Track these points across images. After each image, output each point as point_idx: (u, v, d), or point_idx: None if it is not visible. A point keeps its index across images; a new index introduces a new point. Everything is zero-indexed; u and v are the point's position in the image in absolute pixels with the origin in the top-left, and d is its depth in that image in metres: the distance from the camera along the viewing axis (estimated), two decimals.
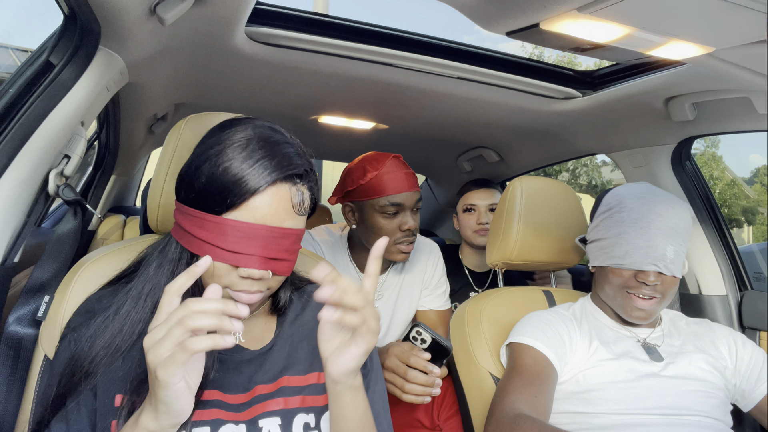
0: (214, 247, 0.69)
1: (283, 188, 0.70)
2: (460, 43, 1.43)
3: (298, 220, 0.73)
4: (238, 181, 0.68)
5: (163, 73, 1.35)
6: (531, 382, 1.05)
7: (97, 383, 0.71)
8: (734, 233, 4.71)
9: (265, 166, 0.69)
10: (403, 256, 1.43)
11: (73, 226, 0.98)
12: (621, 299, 1.15)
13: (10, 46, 4.54)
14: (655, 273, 1.10)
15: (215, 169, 0.69)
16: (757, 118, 1.32)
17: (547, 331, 1.14)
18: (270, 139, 0.72)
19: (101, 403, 0.70)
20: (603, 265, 1.18)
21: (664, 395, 1.07)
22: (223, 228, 0.69)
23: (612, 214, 1.18)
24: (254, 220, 0.69)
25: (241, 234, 0.68)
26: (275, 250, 0.71)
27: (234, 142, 0.70)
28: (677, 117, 1.42)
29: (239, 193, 0.68)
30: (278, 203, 0.70)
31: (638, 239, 1.11)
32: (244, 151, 0.69)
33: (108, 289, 0.81)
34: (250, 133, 0.72)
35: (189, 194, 0.71)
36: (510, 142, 2.13)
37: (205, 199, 0.69)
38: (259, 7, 1.24)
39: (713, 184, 15.20)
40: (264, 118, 1.04)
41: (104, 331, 0.72)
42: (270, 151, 0.70)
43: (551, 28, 0.89)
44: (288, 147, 0.73)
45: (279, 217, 0.70)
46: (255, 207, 0.69)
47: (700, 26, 0.84)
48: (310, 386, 0.78)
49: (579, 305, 1.27)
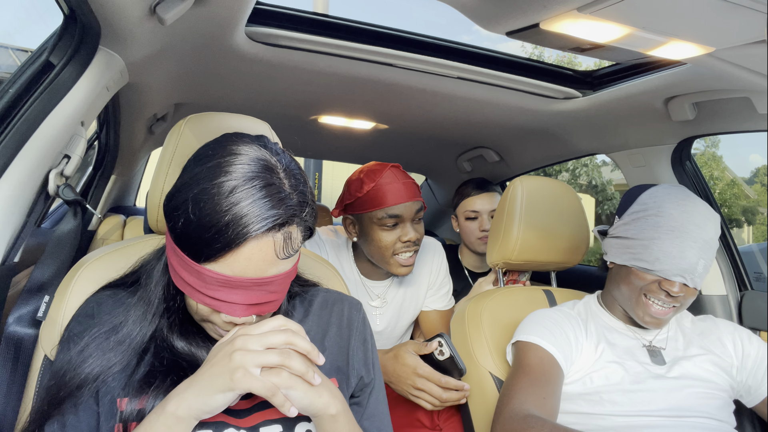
0: (194, 289, 0.67)
1: (265, 240, 0.64)
2: (460, 43, 1.43)
3: (284, 264, 0.68)
4: (214, 235, 0.63)
5: (163, 73, 1.35)
6: (539, 382, 1.04)
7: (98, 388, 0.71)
8: (734, 233, 4.71)
9: (246, 219, 0.62)
10: (404, 270, 1.40)
11: (73, 226, 0.98)
12: (636, 302, 1.13)
13: (10, 46, 4.53)
14: (680, 284, 1.07)
15: (192, 217, 0.63)
16: (757, 118, 1.32)
17: (554, 330, 1.13)
18: (254, 181, 0.64)
19: (103, 408, 0.70)
20: (627, 264, 1.14)
21: (668, 398, 1.07)
22: (201, 275, 0.66)
23: (648, 216, 1.13)
24: (233, 273, 0.65)
25: (219, 284, 0.65)
26: (258, 296, 0.68)
27: (212, 186, 0.64)
28: (677, 117, 1.42)
29: (216, 249, 0.63)
30: (258, 256, 0.65)
31: (672, 248, 1.07)
32: (223, 201, 0.63)
33: (108, 292, 0.80)
34: (233, 174, 0.64)
35: (171, 228, 0.68)
36: (510, 142, 2.13)
37: (185, 243, 0.66)
38: (259, 7, 1.24)
39: (713, 184, 15.21)
40: (264, 118, 1.05)
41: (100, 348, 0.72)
42: (252, 199, 0.63)
43: (551, 28, 0.89)
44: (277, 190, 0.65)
45: (260, 268, 0.65)
46: (233, 262, 0.64)
47: (700, 26, 0.84)
48: None
49: (584, 304, 1.26)
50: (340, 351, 0.85)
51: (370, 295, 1.51)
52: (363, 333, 0.89)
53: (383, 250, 1.37)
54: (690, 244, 1.06)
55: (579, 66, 10.95)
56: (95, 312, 0.77)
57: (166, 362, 0.73)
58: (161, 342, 0.75)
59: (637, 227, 1.14)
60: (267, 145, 0.71)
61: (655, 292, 1.10)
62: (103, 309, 0.77)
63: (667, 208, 1.10)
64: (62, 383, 0.70)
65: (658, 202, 1.13)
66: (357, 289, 1.50)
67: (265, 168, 0.66)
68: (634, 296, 1.13)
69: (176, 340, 0.75)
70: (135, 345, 0.73)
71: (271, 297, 0.69)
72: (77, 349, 0.72)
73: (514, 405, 0.99)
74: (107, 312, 0.76)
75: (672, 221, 1.09)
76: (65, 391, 0.70)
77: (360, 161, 2.59)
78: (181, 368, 0.72)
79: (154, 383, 0.70)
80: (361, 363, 0.86)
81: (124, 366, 0.72)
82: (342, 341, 0.86)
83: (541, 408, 0.99)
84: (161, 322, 0.75)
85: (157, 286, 0.75)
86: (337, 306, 0.90)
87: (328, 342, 0.85)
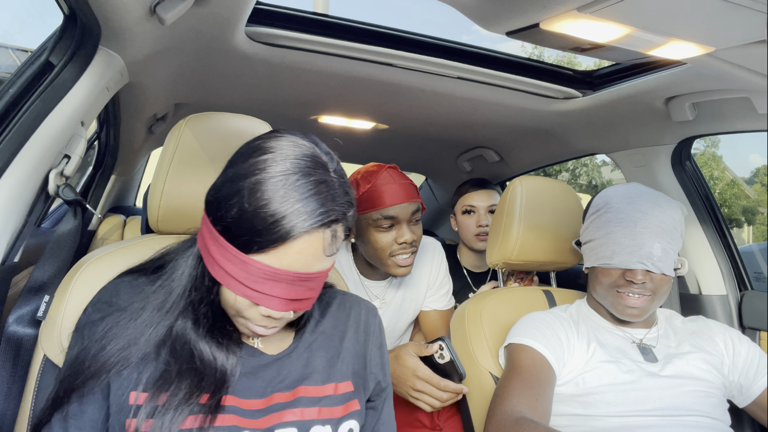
0: (236, 281, 0.67)
1: (316, 235, 0.65)
2: (460, 43, 1.43)
3: (328, 261, 0.69)
4: (269, 226, 0.63)
5: (163, 73, 1.35)
6: (531, 384, 1.04)
7: (110, 381, 0.70)
8: (734, 233, 4.71)
9: (301, 213, 0.63)
10: (402, 271, 1.39)
11: (73, 226, 0.98)
12: (612, 298, 1.15)
13: (10, 46, 4.54)
14: (643, 271, 1.10)
15: (247, 206, 0.64)
16: (757, 118, 1.32)
17: (546, 332, 1.14)
18: (310, 176, 0.66)
19: (115, 401, 0.69)
20: (593, 265, 1.19)
21: (662, 396, 1.07)
22: (247, 266, 0.65)
23: (600, 215, 1.18)
24: (281, 266, 0.65)
25: (265, 276, 0.66)
26: (299, 291, 0.68)
27: (270, 176, 0.64)
28: (677, 117, 1.42)
29: (269, 240, 0.64)
30: (308, 250, 0.66)
31: (624, 238, 1.11)
32: (280, 191, 0.64)
33: (127, 278, 0.79)
34: (288, 166, 0.65)
35: (217, 218, 0.67)
36: (510, 142, 2.13)
37: (234, 233, 0.65)
38: (259, 7, 1.24)
39: (713, 184, 15.20)
40: (264, 118, 1.05)
41: (117, 336, 0.70)
42: (308, 194, 0.65)
43: (551, 28, 0.89)
44: (328, 187, 0.67)
45: (308, 263, 0.66)
46: (284, 254, 0.65)
47: (700, 26, 0.84)
48: (326, 397, 0.77)
49: (575, 307, 1.27)
50: (357, 355, 0.85)
51: (369, 295, 1.51)
52: (379, 338, 0.89)
53: (380, 252, 1.37)
54: (640, 231, 1.10)
55: (579, 66, 10.95)
56: (113, 299, 0.75)
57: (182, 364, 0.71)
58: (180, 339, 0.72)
59: (593, 228, 1.19)
60: (317, 143, 0.72)
61: (624, 285, 1.12)
62: (122, 296, 0.75)
63: (614, 204, 1.16)
64: (79, 371, 0.69)
65: (606, 199, 1.19)
66: (356, 289, 1.50)
67: (319, 165, 0.68)
68: (609, 294, 1.16)
69: (200, 340, 0.72)
70: (152, 336, 0.71)
71: (309, 294, 0.70)
72: (95, 336, 0.71)
73: (506, 407, 1.00)
74: (126, 299, 0.75)
75: (619, 214, 1.14)
76: (82, 378, 0.69)
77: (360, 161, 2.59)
78: (198, 373, 0.70)
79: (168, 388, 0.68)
80: (378, 367, 0.86)
81: (141, 358, 0.71)
82: (359, 345, 0.86)
83: (533, 409, 0.99)
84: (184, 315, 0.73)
85: (183, 277, 0.73)
86: (354, 309, 0.89)
87: (345, 345, 0.84)
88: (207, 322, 0.73)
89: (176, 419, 0.66)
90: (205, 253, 0.70)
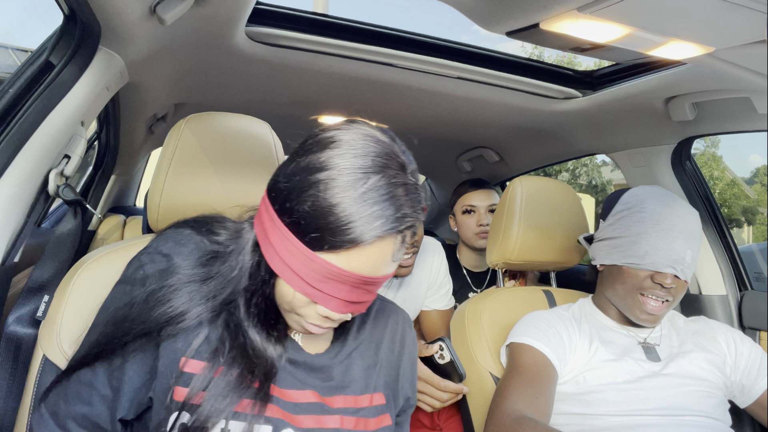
0: (298, 277, 0.63)
1: (389, 241, 0.62)
2: (460, 43, 1.44)
3: (393, 266, 0.66)
4: (343, 226, 0.59)
5: (163, 73, 1.35)
6: (531, 382, 1.04)
7: (161, 344, 0.66)
8: (734, 233, 4.71)
9: (378, 216, 0.59)
10: (403, 271, 1.39)
11: (73, 226, 0.98)
12: (632, 300, 1.14)
13: (10, 46, 4.54)
14: (672, 276, 1.09)
15: (321, 201, 0.59)
16: (757, 118, 1.32)
17: (547, 331, 1.14)
18: (390, 177, 0.61)
19: (164, 363, 0.66)
20: (618, 263, 1.15)
21: (663, 396, 1.07)
22: (312, 264, 0.62)
23: (632, 213, 1.15)
24: (349, 268, 0.62)
25: (330, 276, 0.62)
26: (359, 294, 0.66)
27: (346, 171, 0.60)
28: (677, 117, 1.42)
29: (341, 241, 0.60)
30: (379, 254, 0.62)
31: (659, 240, 1.09)
32: (358, 190, 0.59)
33: (185, 233, 0.73)
34: (367, 162, 0.61)
35: (285, 209, 0.63)
36: (510, 142, 2.13)
37: (303, 228, 0.61)
38: (259, 7, 1.24)
39: (713, 184, 15.19)
40: (264, 118, 1.05)
41: (171, 300, 0.67)
42: (387, 197, 0.61)
43: (551, 28, 0.89)
44: (407, 191, 0.63)
45: (376, 267, 0.63)
46: (354, 257, 0.61)
47: (700, 26, 0.84)
48: (363, 409, 0.75)
49: (578, 306, 1.27)
50: (391, 367, 0.82)
51: None
52: (413, 352, 0.86)
53: None
54: (676, 234, 1.09)
55: (579, 66, 10.95)
56: (173, 254, 0.70)
57: (235, 347, 0.68)
58: (233, 319, 0.69)
59: (623, 225, 1.16)
60: (395, 139, 0.68)
61: (649, 288, 1.11)
62: (182, 254, 0.70)
63: (649, 204, 1.14)
64: (128, 328, 0.65)
65: (640, 199, 1.16)
66: None
67: (400, 165, 0.64)
68: (630, 295, 1.14)
69: (251, 329, 0.69)
70: (205, 310, 0.68)
71: (368, 297, 0.67)
72: (146, 291, 0.67)
73: (507, 406, 1.00)
74: (183, 260, 0.70)
75: (656, 215, 1.12)
76: (132, 335, 0.65)
77: None
78: (249, 359, 0.67)
79: (222, 365, 0.66)
80: (408, 384, 0.84)
81: (196, 323, 0.67)
82: (393, 357, 0.83)
83: (534, 408, 0.99)
84: (237, 299, 0.70)
85: (238, 264, 0.69)
86: (392, 318, 0.86)
87: (381, 355, 0.81)
88: (259, 313, 0.70)
89: (232, 399, 0.64)
90: (264, 242, 0.66)
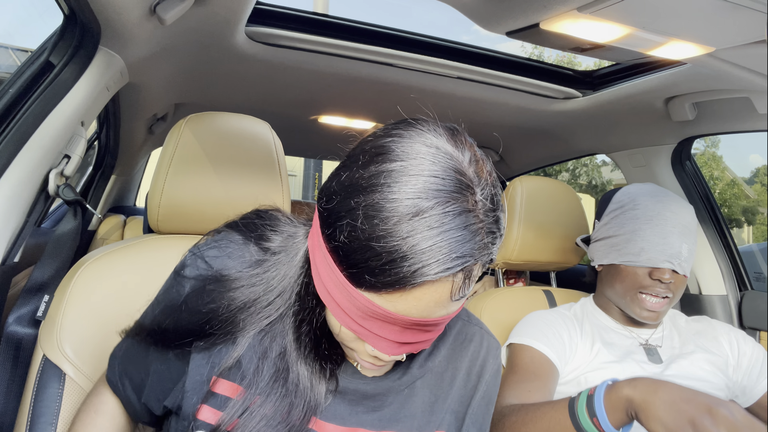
0: (342, 311, 0.54)
1: (443, 282, 0.49)
2: (460, 43, 1.44)
3: (455, 305, 0.53)
4: (383, 266, 0.48)
5: (163, 73, 1.35)
6: (527, 378, 1.04)
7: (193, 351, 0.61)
8: (734, 233, 4.72)
9: (428, 257, 0.47)
10: None
11: (73, 226, 0.98)
12: (631, 299, 1.14)
13: (10, 46, 4.54)
14: (670, 271, 1.09)
15: (358, 233, 0.48)
16: (757, 118, 1.32)
17: (547, 331, 1.13)
18: (449, 203, 0.48)
19: (192, 378, 0.61)
20: (615, 262, 1.16)
21: None
22: (354, 300, 0.52)
23: (625, 211, 1.16)
24: (395, 310, 0.51)
25: (374, 316, 0.52)
26: (414, 335, 0.55)
27: (391, 197, 0.48)
28: (677, 117, 1.42)
29: (382, 283, 0.49)
30: (430, 297, 0.50)
31: (654, 236, 1.10)
32: (402, 223, 0.47)
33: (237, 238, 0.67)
34: (418, 185, 0.48)
35: (329, 235, 0.52)
36: (510, 142, 2.13)
37: (342, 259, 0.51)
38: (259, 7, 1.24)
39: (713, 184, 15.20)
40: (264, 118, 1.05)
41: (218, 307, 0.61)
42: (442, 230, 0.47)
43: (551, 28, 0.89)
44: (469, 220, 0.49)
45: (429, 310, 0.51)
46: (397, 300, 0.50)
47: (700, 26, 0.84)
48: None
49: (580, 306, 1.27)
50: (461, 401, 0.71)
51: None
52: (491, 391, 0.74)
53: None
54: (670, 229, 1.09)
55: (579, 66, 10.95)
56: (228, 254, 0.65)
57: (276, 377, 0.61)
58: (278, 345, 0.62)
59: (617, 224, 1.17)
60: (463, 148, 0.53)
61: (649, 286, 1.11)
62: (234, 258, 0.65)
63: (642, 201, 1.14)
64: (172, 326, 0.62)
65: (632, 196, 1.17)
66: None
67: (461, 186, 0.49)
68: (629, 294, 1.14)
69: (301, 360, 0.61)
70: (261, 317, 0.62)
71: (427, 336, 0.56)
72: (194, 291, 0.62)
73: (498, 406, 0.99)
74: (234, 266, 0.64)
75: (649, 211, 1.12)
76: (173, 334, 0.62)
77: None
78: (290, 394, 0.60)
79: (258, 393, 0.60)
80: (476, 427, 0.71)
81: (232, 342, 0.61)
82: (466, 391, 0.71)
83: (525, 401, 0.98)
84: (284, 320, 0.62)
85: (285, 280, 0.62)
86: (474, 343, 0.74)
87: (454, 387, 0.71)
88: (310, 343, 0.62)
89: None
90: (312, 261, 0.57)
